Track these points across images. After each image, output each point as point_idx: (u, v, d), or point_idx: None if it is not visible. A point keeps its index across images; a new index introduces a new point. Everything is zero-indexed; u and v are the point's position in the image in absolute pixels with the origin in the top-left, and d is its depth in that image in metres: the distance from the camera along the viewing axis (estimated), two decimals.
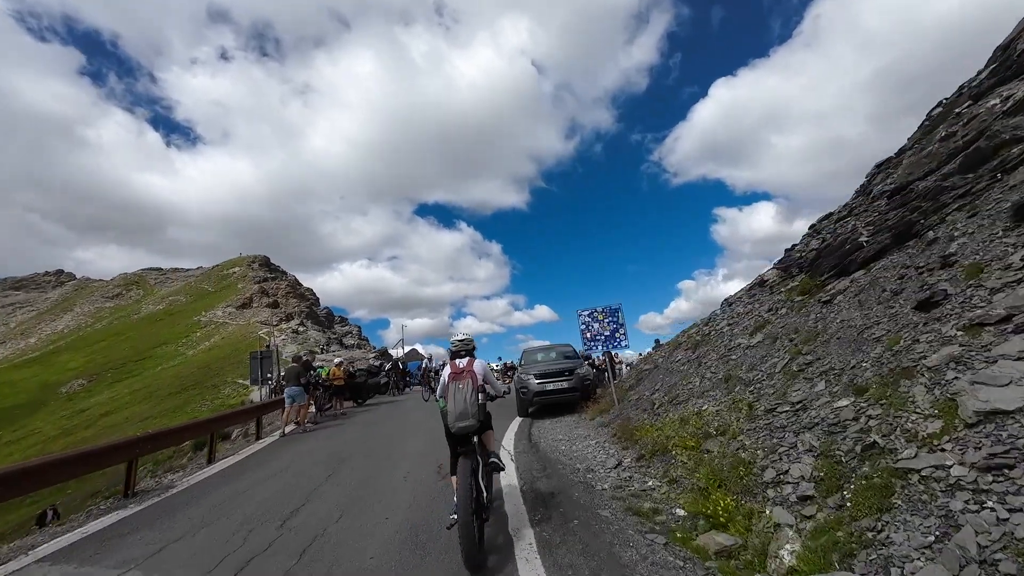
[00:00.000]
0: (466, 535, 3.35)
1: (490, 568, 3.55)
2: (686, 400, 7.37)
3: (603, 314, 10.17)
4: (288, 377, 12.60)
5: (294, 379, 12.32)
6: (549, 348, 13.32)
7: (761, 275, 10.15)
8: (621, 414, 9.05)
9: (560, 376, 11.09)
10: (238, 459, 9.03)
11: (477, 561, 3.42)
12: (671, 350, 10.69)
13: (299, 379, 12.40)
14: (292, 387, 12.26)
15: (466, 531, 3.35)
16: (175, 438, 8.93)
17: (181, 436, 9.22)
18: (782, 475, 4.18)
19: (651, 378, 10.08)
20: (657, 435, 6.67)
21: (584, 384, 11.10)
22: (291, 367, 12.92)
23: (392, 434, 10.11)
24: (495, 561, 3.65)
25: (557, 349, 13.14)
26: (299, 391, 12.25)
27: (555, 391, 10.94)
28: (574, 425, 9.77)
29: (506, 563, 3.62)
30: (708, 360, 8.25)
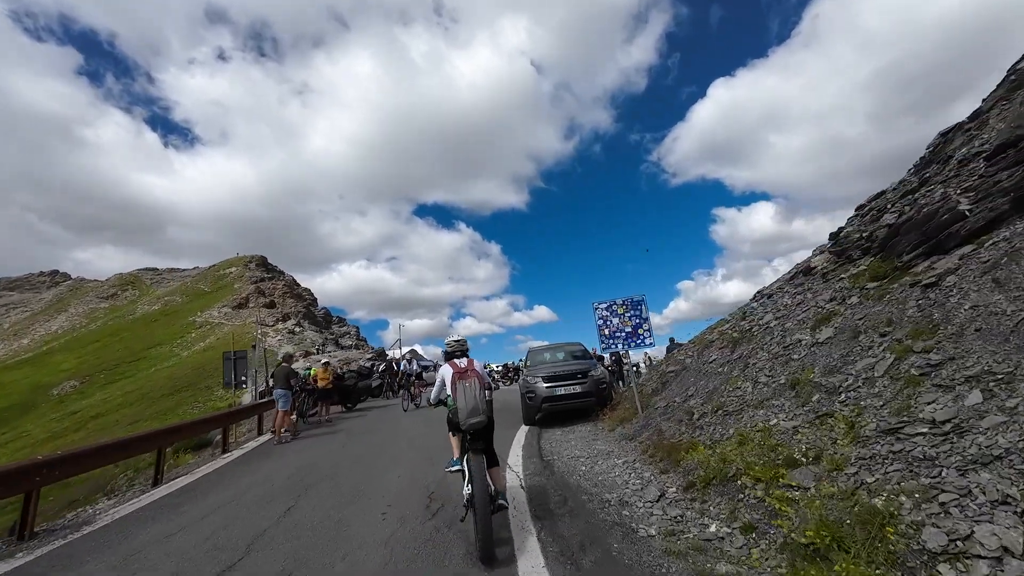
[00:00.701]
0: (484, 529, 3.44)
1: (501, 560, 3.59)
2: (738, 411, 5.80)
3: (623, 307, 8.60)
4: (276, 378, 11.17)
5: (282, 380, 10.94)
6: (558, 347, 11.74)
7: (806, 262, 8.59)
8: (648, 424, 7.49)
9: (572, 379, 9.50)
10: (188, 481, 7.41)
11: (492, 554, 3.51)
12: (700, 349, 9.12)
13: (288, 380, 10.99)
14: (279, 389, 10.80)
15: (484, 525, 3.44)
16: (90, 461, 6.42)
17: (102, 457, 6.73)
18: (961, 541, 2.61)
19: (679, 381, 8.51)
20: (708, 456, 5.10)
21: (600, 388, 9.53)
22: (280, 367, 11.51)
23: (377, 449, 8.51)
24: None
25: (567, 348, 11.56)
26: (286, 394, 10.81)
27: (567, 396, 9.36)
28: (591, 437, 8.19)
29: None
30: (757, 361, 6.68)
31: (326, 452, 8.64)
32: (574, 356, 11.08)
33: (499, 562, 3.54)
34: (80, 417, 44.11)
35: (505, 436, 8.86)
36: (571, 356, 11.09)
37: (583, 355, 11.11)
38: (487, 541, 3.49)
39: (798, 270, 8.88)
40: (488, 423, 4.08)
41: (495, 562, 3.50)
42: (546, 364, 10.66)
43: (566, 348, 11.55)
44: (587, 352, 11.28)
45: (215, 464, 8.66)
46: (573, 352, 11.25)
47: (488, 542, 3.49)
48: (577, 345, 11.65)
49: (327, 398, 13.02)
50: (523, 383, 9.97)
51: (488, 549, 3.50)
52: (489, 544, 3.50)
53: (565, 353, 11.32)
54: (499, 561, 3.54)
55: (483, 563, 3.48)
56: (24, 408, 55.12)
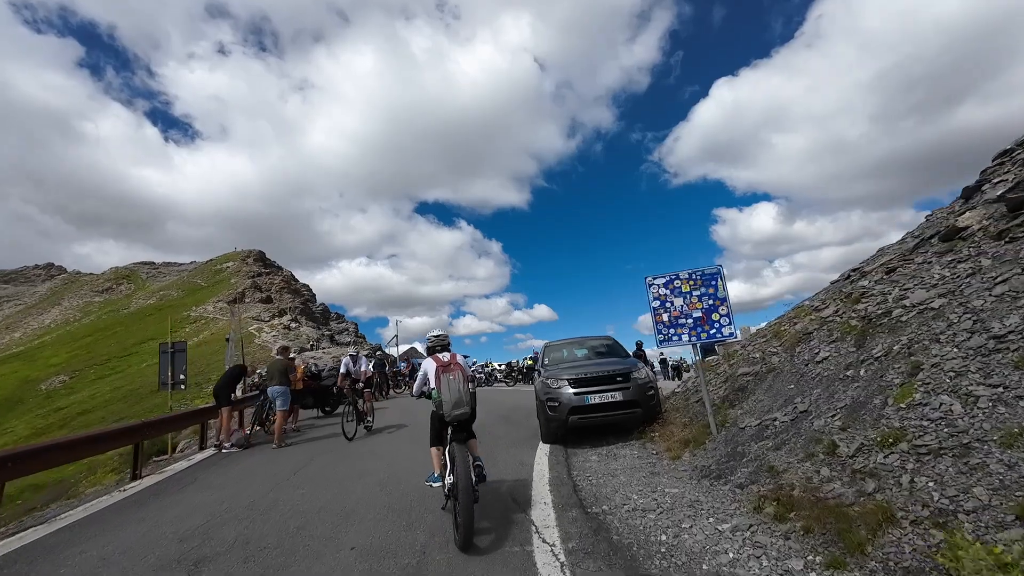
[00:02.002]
0: (467, 516, 3.40)
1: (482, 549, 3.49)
2: (957, 450, 3.17)
3: (690, 282, 5.94)
4: (271, 374, 9.49)
5: (279, 376, 9.23)
6: (582, 342, 9.05)
7: (952, 224, 5.94)
8: (737, 453, 4.85)
9: (610, 383, 6.84)
10: (42, 533, 4.77)
11: (472, 542, 3.45)
12: (790, 344, 6.46)
13: (286, 376, 9.36)
14: (276, 386, 9.15)
15: (466, 514, 3.40)
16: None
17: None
18: None
19: (767, 388, 5.87)
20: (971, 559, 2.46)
21: (647, 396, 6.87)
22: (275, 361, 9.80)
23: (337, 487, 5.87)
24: None
25: (594, 343, 8.89)
26: (284, 391, 9.12)
27: (604, 407, 6.70)
28: (648, 469, 5.50)
29: None
30: (936, 360, 4.04)
31: (264, 487, 5.95)
32: (606, 353, 8.43)
33: (479, 550, 3.46)
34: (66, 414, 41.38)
35: (520, 460, 6.19)
36: (600, 353, 8.44)
37: (616, 351, 8.45)
38: (468, 530, 3.41)
39: (930, 235, 6.23)
40: (472, 414, 4.09)
41: (474, 549, 3.44)
42: (572, 363, 7.99)
43: (593, 343, 8.88)
44: (621, 348, 8.61)
45: (96, 504, 5.94)
46: (603, 348, 8.59)
47: (469, 531, 3.42)
48: (606, 339, 8.98)
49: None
50: (541, 388, 7.31)
51: (468, 538, 3.43)
52: (470, 533, 3.43)
53: (592, 349, 8.66)
54: (479, 549, 3.47)
55: (463, 551, 3.40)
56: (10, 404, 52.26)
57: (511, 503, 4.62)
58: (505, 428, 8.95)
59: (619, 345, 8.68)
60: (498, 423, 9.47)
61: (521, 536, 3.73)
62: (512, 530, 3.87)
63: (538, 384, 7.60)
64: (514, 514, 4.27)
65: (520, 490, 5.02)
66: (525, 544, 3.57)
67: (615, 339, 9.00)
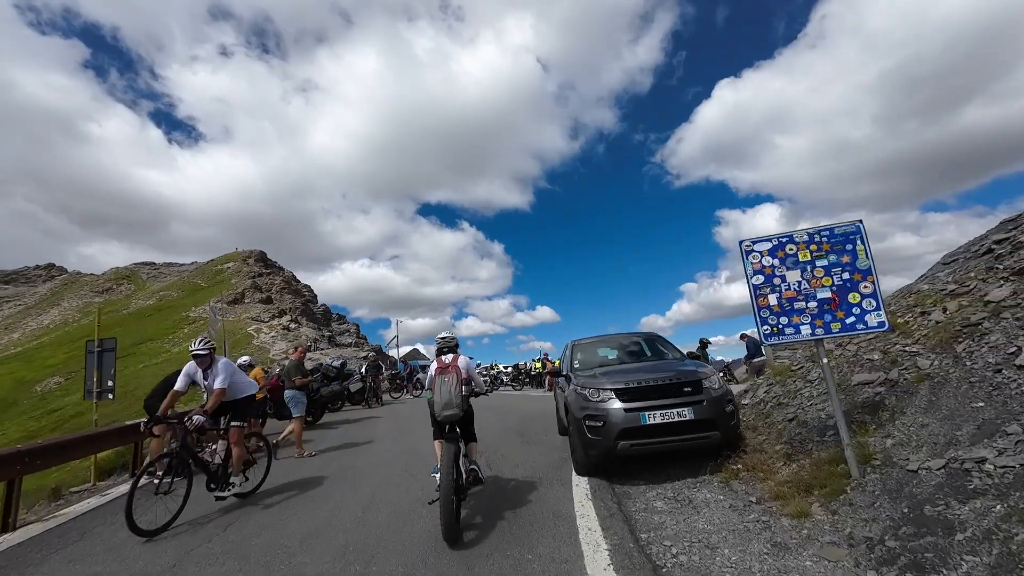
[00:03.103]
0: (447, 513, 3.42)
1: (466, 542, 3.50)
2: None
3: (813, 247, 3.88)
4: (288, 372, 8.42)
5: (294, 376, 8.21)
6: (621, 339, 6.94)
7: None
8: (926, 518, 2.82)
9: (675, 396, 4.79)
10: None
11: (455, 534, 3.46)
12: (945, 342, 4.42)
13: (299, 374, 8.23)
14: (289, 391, 8.12)
15: (446, 509, 3.43)
16: None
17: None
18: None
19: (933, 407, 3.85)
20: None
21: (726, 413, 4.81)
22: (291, 362, 8.66)
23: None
24: None
25: (636, 341, 6.82)
26: (294, 396, 7.98)
27: (669, 429, 4.65)
28: (764, 536, 3.39)
29: None
30: None
31: (162, 558, 3.90)
32: (654, 354, 6.38)
33: (463, 543, 3.47)
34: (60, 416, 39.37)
35: (553, 511, 4.13)
36: (648, 354, 6.39)
37: (669, 352, 6.39)
38: (449, 524, 3.44)
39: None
40: (464, 415, 4.10)
41: (458, 543, 3.46)
42: (614, 367, 5.91)
43: (636, 340, 6.82)
44: (673, 347, 6.54)
45: None
46: (651, 347, 6.53)
47: (450, 525, 3.44)
48: (651, 335, 6.92)
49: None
50: (576, 400, 5.27)
51: (449, 531, 3.45)
52: (451, 527, 3.45)
53: (636, 349, 6.60)
54: (463, 543, 3.48)
55: (447, 543, 3.45)
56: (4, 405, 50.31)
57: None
58: (520, 448, 6.92)
59: (670, 343, 6.61)
60: (510, 440, 7.43)
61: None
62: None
63: (570, 395, 5.55)
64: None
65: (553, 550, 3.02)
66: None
67: (664, 337, 6.94)
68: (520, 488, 4.98)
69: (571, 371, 6.18)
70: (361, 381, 15.11)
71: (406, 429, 9.64)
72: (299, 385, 8.07)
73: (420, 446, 7.55)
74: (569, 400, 5.49)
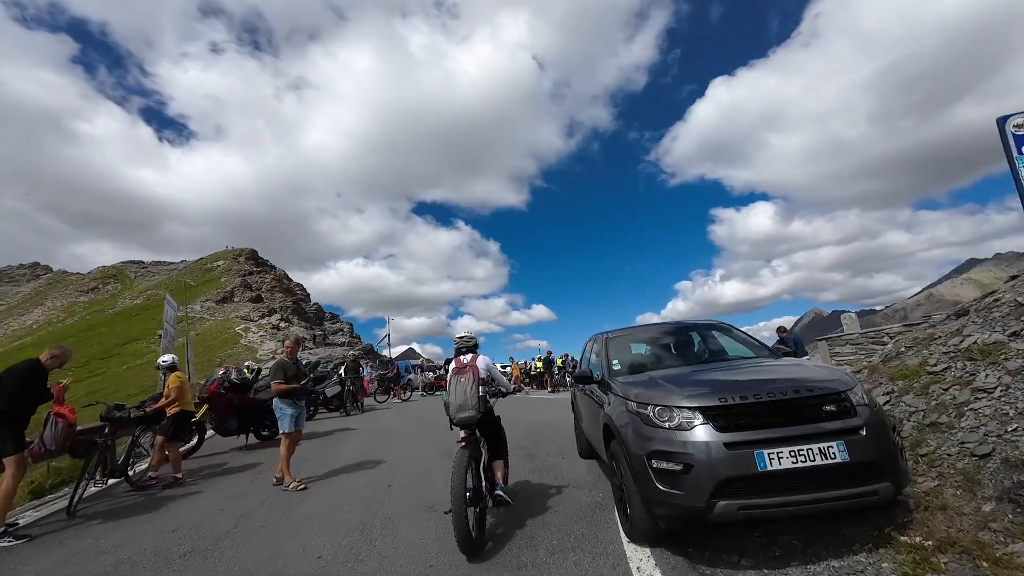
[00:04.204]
0: (458, 524, 3.13)
1: (486, 552, 3.22)
2: None
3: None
4: (271, 374, 5.88)
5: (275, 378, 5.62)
6: (676, 331, 4.79)
7: None
8: None
9: (809, 420, 2.75)
10: None
11: (472, 546, 3.17)
12: None
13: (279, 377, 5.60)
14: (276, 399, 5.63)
15: (458, 520, 3.13)
16: None
17: None
18: None
19: None
20: None
21: (893, 450, 2.75)
22: (276, 362, 6.01)
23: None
24: None
25: (696, 332, 4.71)
26: (284, 407, 5.55)
27: (806, 477, 2.60)
28: None
29: None
30: None
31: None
32: (733, 352, 4.31)
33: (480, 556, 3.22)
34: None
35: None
36: (727, 351, 4.32)
37: (751, 348, 4.32)
38: (463, 536, 3.14)
39: None
40: (482, 417, 3.76)
41: (475, 556, 3.18)
42: (685, 371, 3.75)
43: (700, 332, 4.69)
44: (754, 340, 4.46)
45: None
46: (727, 343, 4.45)
47: (463, 536, 3.14)
48: (722, 325, 4.82)
49: (178, 435, 6.10)
50: (627, 422, 3.21)
51: (465, 544, 3.16)
52: (466, 540, 3.15)
53: (700, 344, 4.51)
54: (480, 555, 3.19)
55: (464, 555, 3.19)
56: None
57: None
58: (529, 480, 4.88)
59: (751, 337, 4.51)
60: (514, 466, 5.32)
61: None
62: None
63: (615, 413, 3.47)
64: None
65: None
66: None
67: (726, 323, 4.86)
68: (534, 563, 2.94)
69: (609, 376, 4.09)
70: (339, 384, 12.96)
71: (381, 449, 7.51)
72: (279, 392, 5.55)
73: (397, 474, 5.44)
74: (616, 422, 3.39)
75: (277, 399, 5.58)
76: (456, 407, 3.74)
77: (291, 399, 5.58)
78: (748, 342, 4.38)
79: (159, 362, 6.33)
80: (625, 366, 4.26)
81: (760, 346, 4.32)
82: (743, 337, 4.48)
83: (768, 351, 4.19)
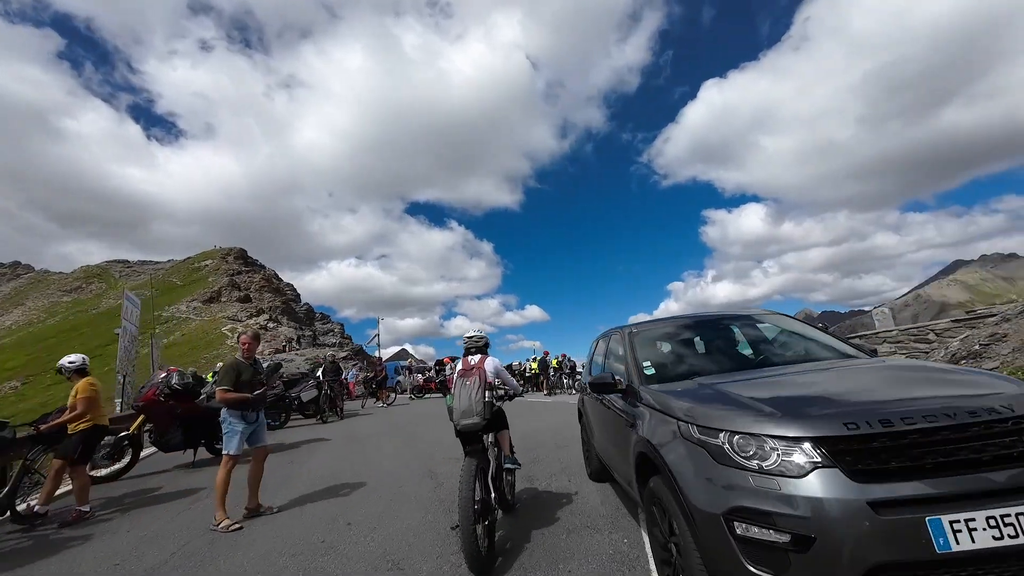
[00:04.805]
0: (467, 540, 2.83)
1: (497, 569, 2.91)
2: None
3: None
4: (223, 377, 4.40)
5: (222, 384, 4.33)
6: (727, 326, 3.53)
7: None
8: None
9: (1015, 466, 1.61)
10: None
11: (481, 564, 2.86)
12: None
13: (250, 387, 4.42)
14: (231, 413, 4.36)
15: (467, 536, 2.84)
16: None
17: None
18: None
19: None
20: None
21: None
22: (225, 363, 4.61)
23: None
24: None
25: (755, 326, 3.54)
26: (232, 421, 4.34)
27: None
28: None
29: None
30: None
31: None
32: (807, 352, 3.19)
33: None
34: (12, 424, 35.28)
35: None
36: (802, 351, 3.19)
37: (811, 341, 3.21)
38: (471, 553, 2.84)
39: None
40: (487, 424, 3.47)
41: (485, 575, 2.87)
42: (769, 378, 2.61)
43: (759, 326, 3.51)
44: (841, 340, 3.35)
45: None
46: (799, 341, 3.32)
47: (472, 553, 2.84)
48: (783, 316, 3.69)
49: (82, 460, 4.77)
50: (681, 450, 2.13)
51: (474, 562, 2.85)
52: (474, 557, 2.84)
53: (773, 343, 3.36)
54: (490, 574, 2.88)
55: (472, 573, 2.89)
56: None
57: None
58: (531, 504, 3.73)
59: (829, 333, 3.41)
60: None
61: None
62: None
63: (659, 437, 2.33)
64: None
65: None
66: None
67: (792, 316, 3.75)
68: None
69: (641, 382, 2.95)
70: (316, 388, 11.72)
71: (351, 467, 6.33)
72: (225, 401, 4.29)
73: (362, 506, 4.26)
74: (664, 453, 2.24)
75: (225, 410, 4.38)
76: (460, 413, 3.45)
77: (243, 411, 4.39)
78: (825, 339, 3.25)
79: (64, 363, 5.07)
80: (661, 369, 3.13)
81: (844, 344, 3.20)
82: (816, 334, 3.36)
83: (864, 351, 3.07)
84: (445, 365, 19.76)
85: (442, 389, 19.51)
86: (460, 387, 3.56)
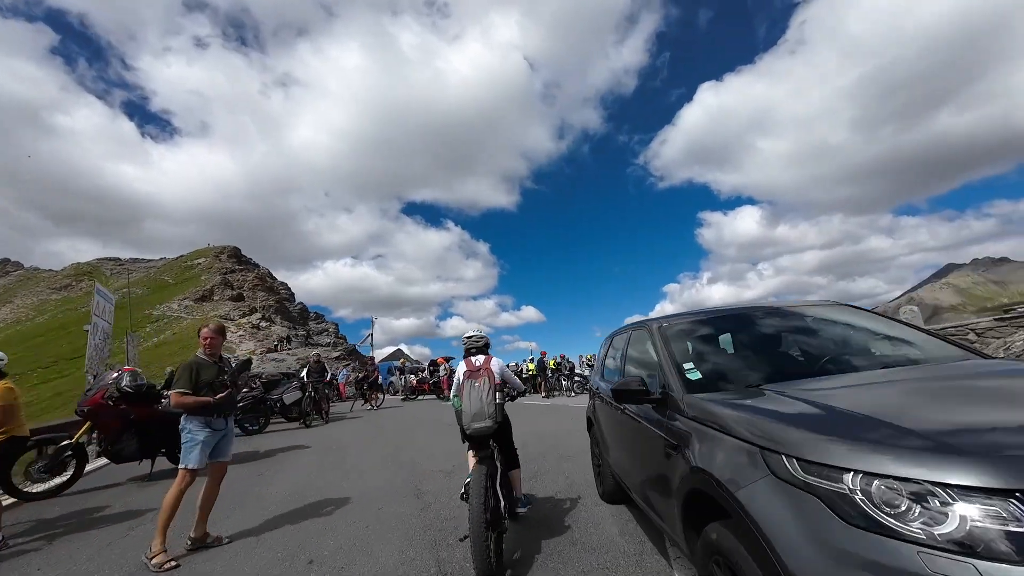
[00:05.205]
0: (479, 551, 2.71)
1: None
2: None
3: None
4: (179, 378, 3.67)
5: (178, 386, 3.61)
6: (775, 314, 2.82)
7: None
8: None
9: None
10: None
11: None
12: None
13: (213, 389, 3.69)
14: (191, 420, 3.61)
15: (479, 546, 2.72)
16: None
17: None
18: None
19: None
20: None
21: None
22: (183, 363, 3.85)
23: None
24: None
25: (821, 319, 2.77)
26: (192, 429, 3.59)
27: None
28: None
29: None
30: None
31: None
32: (890, 345, 2.47)
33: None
34: None
35: None
36: (887, 348, 2.47)
37: (922, 340, 2.49)
38: (482, 565, 2.72)
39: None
40: (499, 428, 3.34)
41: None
42: (875, 388, 1.89)
43: (826, 319, 2.73)
44: (933, 332, 2.66)
45: None
46: (879, 335, 2.61)
47: (483, 566, 2.72)
48: (851, 307, 2.99)
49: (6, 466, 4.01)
50: (780, 503, 1.38)
51: (483, 573, 2.73)
52: (485, 569, 2.72)
53: (851, 339, 2.60)
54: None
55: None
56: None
57: None
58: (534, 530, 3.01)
59: (904, 322, 2.72)
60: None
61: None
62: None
63: (731, 472, 1.61)
64: None
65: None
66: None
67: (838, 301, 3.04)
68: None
69: (684, 390, 2.22)
70: (300, 389, 10.93)
71: (326, 482, 5.57)
72: (181, 406, 3.62)
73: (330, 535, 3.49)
74: (747, 502, 1.49)
75: (184, 417, 3.60)
76: (471, 416, 3.30)
77: (204, 416, 3.62)
78: (922, 337, 2.53)
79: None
80: (710, 374, 2.40)
81: (929, 338, 2.49)
82: (903, 329, 2.64)
83: (964, 348, 2.35)
84: (439, 366, 19.01)
85: (436, 390, 18.74)
86: (469, 389, 3.39)
